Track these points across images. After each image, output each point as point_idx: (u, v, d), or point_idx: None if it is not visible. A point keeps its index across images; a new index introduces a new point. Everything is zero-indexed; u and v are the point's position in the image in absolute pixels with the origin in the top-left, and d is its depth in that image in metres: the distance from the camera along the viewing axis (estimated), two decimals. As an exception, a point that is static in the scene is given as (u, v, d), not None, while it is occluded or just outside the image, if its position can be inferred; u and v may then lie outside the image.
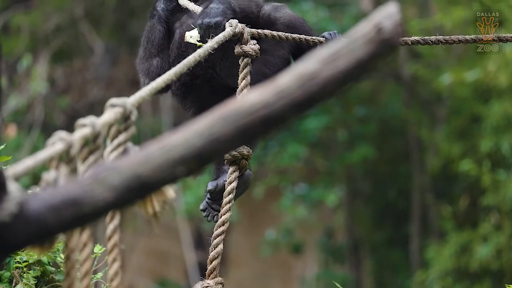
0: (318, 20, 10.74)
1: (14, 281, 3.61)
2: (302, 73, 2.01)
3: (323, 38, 4.15)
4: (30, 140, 11.87)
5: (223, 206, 3.95)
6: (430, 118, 11.99)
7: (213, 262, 3.92)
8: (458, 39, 4.22)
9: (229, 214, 3.95)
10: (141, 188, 2.00)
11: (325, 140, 12.59)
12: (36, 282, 3.64)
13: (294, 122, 2.10)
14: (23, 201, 1.97)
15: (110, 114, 2.32)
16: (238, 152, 3.97)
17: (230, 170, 4.01)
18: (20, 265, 3.63)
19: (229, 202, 3.94)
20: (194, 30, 4.06)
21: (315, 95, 2.01)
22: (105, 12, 13.32)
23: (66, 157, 2.17)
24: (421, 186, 12.01)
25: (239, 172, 4.02)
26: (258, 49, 3.95)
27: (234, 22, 3.92)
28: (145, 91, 2.57)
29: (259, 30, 4.01)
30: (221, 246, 3.91)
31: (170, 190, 2.22)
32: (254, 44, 3.95)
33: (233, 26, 3.89)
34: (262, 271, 14.58)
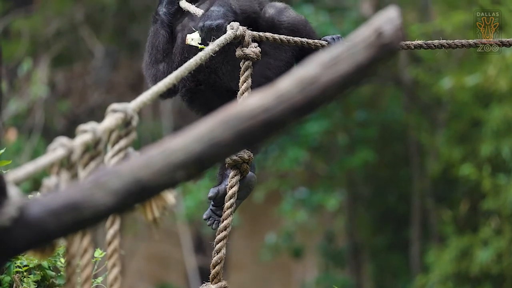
0: (319, 24, 10.73)
1: (14, 285, 3.61)
2: (303, 77, 2.01)
3: (326, 42, 4.15)
4: (30, 144, 11.86)
5: (225, 211, 3.94)
6: (430, 122, 11.98)
7: (216, 267, 3.91)
8: (461, 43, 4.20)
9: (231, 218, 3.93)
10: (141, 192, 2.00)
11: (325, 144, 12.57)
12: (36, 286, 3.64)
13: (294, 126, 2.10)
14: (23, 205, 1.97)
15: (111, 120, 2.32)
16: (239, 156, 3.96)
17: (231, 174, 3.99)
18: (20, 269, 3.63)
19: (230, 207, 3.93)
20: (195, 33, 4.03)
21: (316, 100, 2.01)
22: (105, 16, 13.31)
23: (67, 163, 2.17)
24: (421, 190, 12.00)
25: (240, 176, 4.02)
26: (259, 51, 3.92)
27: (235, 24, 3.90)
28: (146, 96, 2.55)
29: (261, 33, 3.98)
30: (223, 251, 3.90)
31: (170, 196, 2.21)
32: (255, 46, 3.92)
33: (234, 29, 3.87)
34: (262, 275, 14.57)
